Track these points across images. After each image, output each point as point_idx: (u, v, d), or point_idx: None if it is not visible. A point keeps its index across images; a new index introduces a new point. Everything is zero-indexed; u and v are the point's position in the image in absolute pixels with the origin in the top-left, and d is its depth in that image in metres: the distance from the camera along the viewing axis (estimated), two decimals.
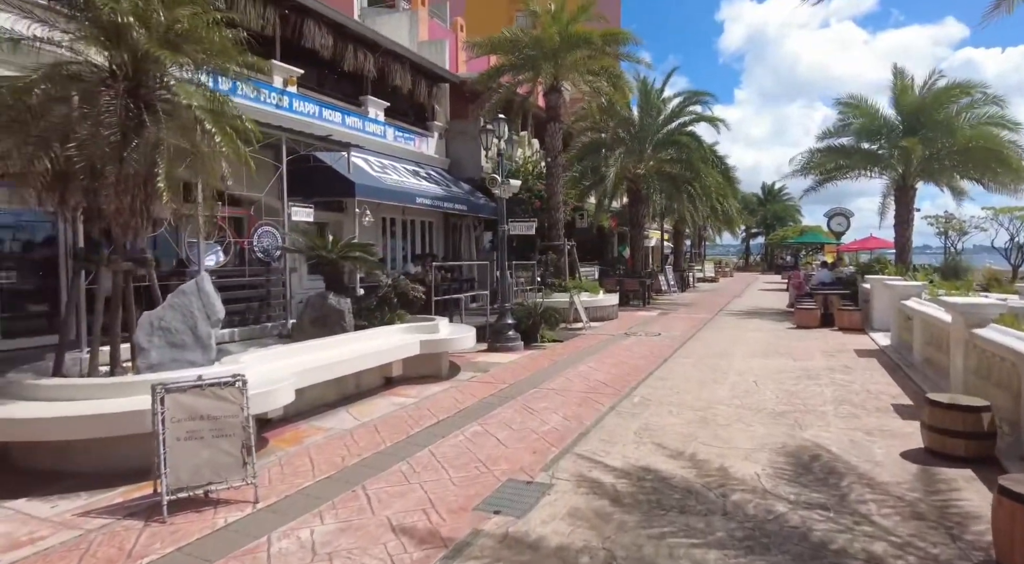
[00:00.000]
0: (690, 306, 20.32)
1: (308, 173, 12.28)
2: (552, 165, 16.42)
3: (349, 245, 9.21)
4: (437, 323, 9.00)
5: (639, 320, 16.11)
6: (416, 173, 15.64)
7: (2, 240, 9.20)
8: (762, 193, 59.89)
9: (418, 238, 17.43)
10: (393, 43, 15.55)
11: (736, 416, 6.67)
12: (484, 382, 8.51)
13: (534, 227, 11.87)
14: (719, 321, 15.94)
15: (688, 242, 44.58)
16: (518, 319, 11.46)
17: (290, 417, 6.67)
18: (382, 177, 13.41)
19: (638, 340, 12.44)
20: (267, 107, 11.97)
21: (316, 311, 8.65)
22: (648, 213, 20.73)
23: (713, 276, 35.63)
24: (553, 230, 16.51)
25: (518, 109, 17.87)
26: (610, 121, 20.21)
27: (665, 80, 21.51)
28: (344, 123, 14.19)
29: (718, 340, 12.41)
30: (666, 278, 25.21)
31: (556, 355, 10.66)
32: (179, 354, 5.86)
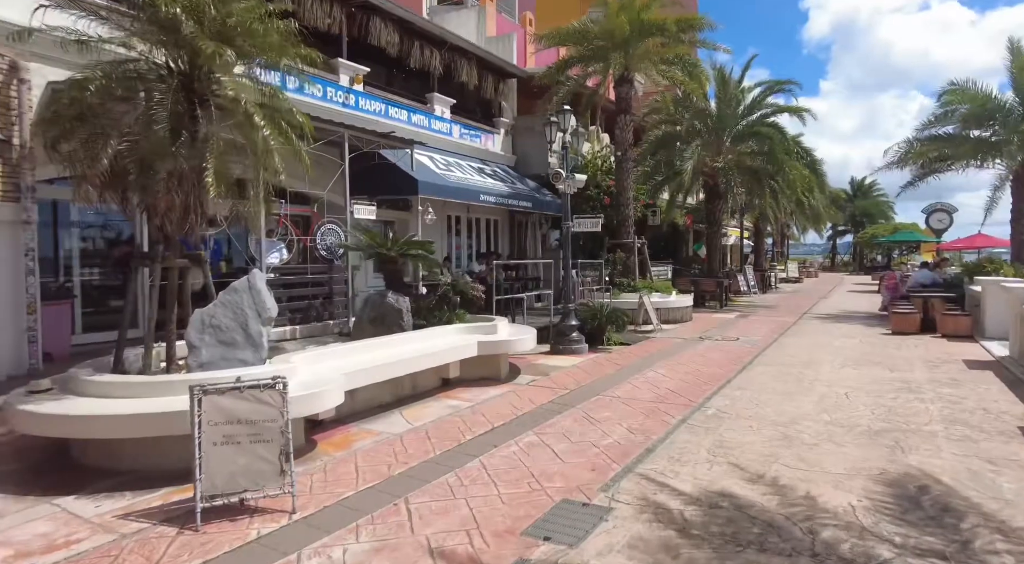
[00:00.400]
0: (771, 308, 19.07)
1: (373, 171, 12.24)
2: (622, 159, 15.75)
3: (408, 243, 9.01)
4: (496, 324, 8.64)
5: (715, 323, 15.18)
6: (481, 170, 15.38)
7: (88, 238, 9.61)
8: (851, 188, 56.22)
9: (483, 236, 17.19)
10: (459, 39, 15.36)
11: (825, 434, 5.91)
12: (544, 387, 8.07)
13: (600, 224, 11.31)
14: (804, 325, 14.78)
15: (770, 240, 42.42)
16: (582, 320, 10.94)
17: (343, 418, 6.48)
18: (446, 175, 13.22)
19: (713, 345, 11.63)
20: (334, 105, 12.02)
21: (375, 310, 8.49)
22: (726, 209, 19.62)
23: (797, 276, 33.62)
24: (622, 227, 15.84)
25: (587, 103, 17.28)
26: (685, 113, 19.25)
27: (744, 68, 20.34)
28: (410, 121, 14.11)
29: (803, 346, 11.41)
30: (745, 278, 23.88)
31: (623, 359, 10.07)
32: (230, 352, 5.75)
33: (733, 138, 19.93)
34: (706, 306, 19.14)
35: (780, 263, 34.76)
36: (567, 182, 10.63)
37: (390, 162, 11.80)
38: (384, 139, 10.75)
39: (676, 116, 19.67)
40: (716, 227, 20.67)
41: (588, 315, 11.07)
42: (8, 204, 7.71)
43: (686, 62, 15.67)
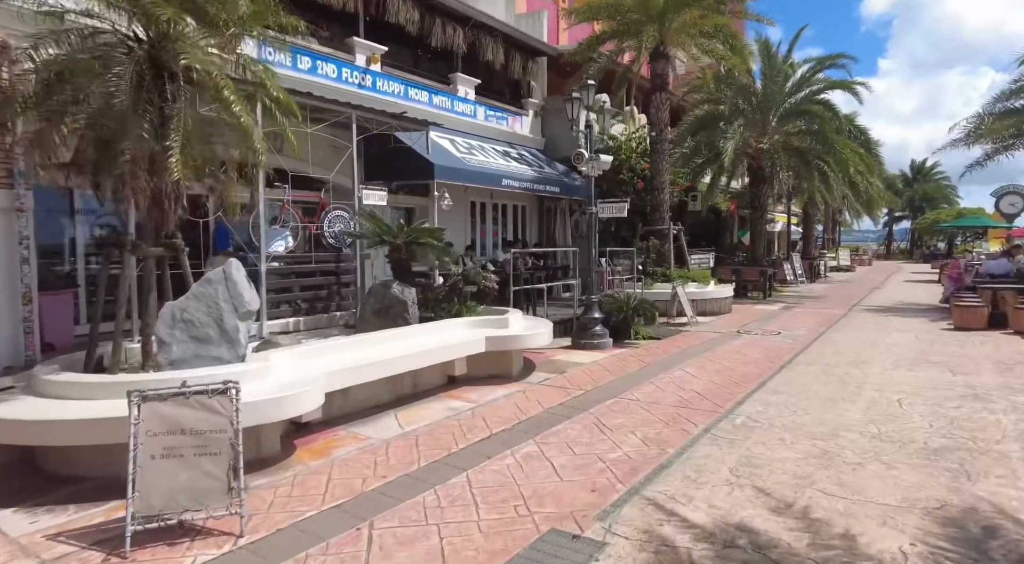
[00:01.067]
0: (819, 299, 17.84)
1: (389, 155, 11.72)
2: (657, 140, 14.81)
3: (416, 230, 8.44)
4: (507, 317, 8.01)
5: (756, 315, 14.18)
6: (506, 154, 14.68)
7: (94, 226, 9.37)
8: (910, 172, 53.10)
9: (510, 223, 16.53)
10: (484, 15, 14.62)
11: (872, 451, 5.08)
12: (557, 386, 7.41)
13: (626, 209, 10.50)
14: (854, 318, 13.63)
15: (820, 227, 40.38)
16: (607, 313, 10.20)
17: (333, 419, 5.99)
18: (466, 158, 12.59)
19: (752, 340, 10.72)
20: (349, 86, 11.51)
21: (379, 301, 7.97)
22: (771, 194, 18.40)
23: (848, 265, 31.84)
24: (657, 212, 14.93)
25: (620, 80, 16.32)
26: (727, 91, 18.06)
27: (792, 42, 18.80)
28: (431, 102, 13.51)
29: (852, 342, 10.39)
30: (792, 267, 22.53)
31: (649, 356, 9.31)
32: (203, 349, 5.30)
33: (780, 117, 18.65)
34: (748, 297, 18.06)
35: (831, 251, 32.95)
36: (590, 163, 9.87)
37: (407, 145, 11.24)
38: (396, 120, 10.18)
39: (718, 95, 18.50)
40: (760, 212, 19.47)
41: (613, 307, 10.32)
42: (1, 191, 7.45)
43: (727, 35, 14.56)
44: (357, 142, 12.04)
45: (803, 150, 17.68)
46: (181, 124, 4.93)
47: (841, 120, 17.69)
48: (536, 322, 8.82)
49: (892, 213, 53.79)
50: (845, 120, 18.52)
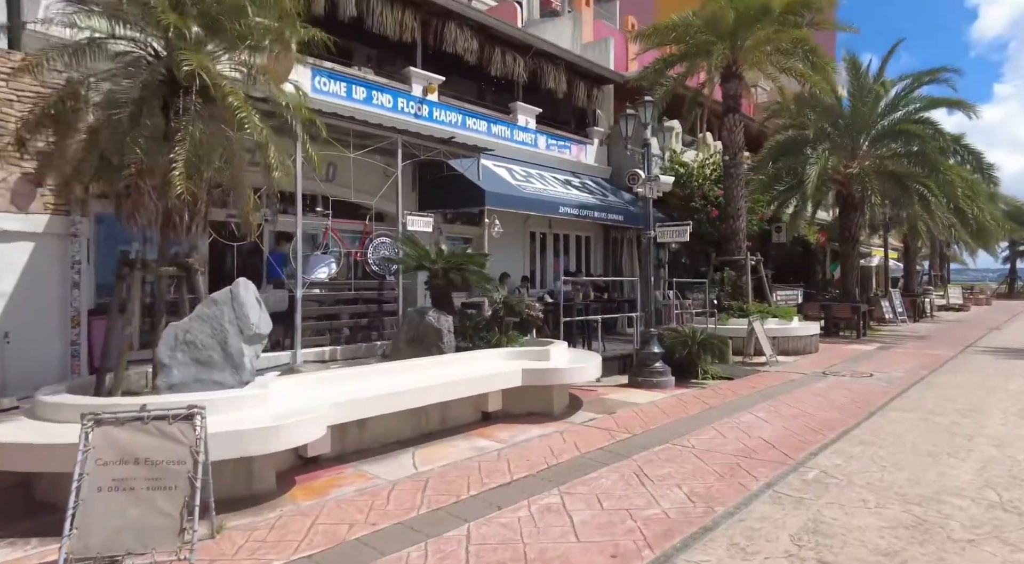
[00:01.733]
0: (923, 340, 15.85)
1: (442, 183, 11.50)
2: (731, 164, 13.83)
3: (456, 256, 8.00)
4: (548, 349, 7.32)
5: (847, 355, 12.67)
6: (567, 182, 14.16)
7: None
8: None
9: (573, 254, 15.89)
10: (546, 43, 14.40)
11: (989, 524, 3.97)
12: (601, 428, 6.59)
13: (687, 232, 9.59)
14: (965, 361, 11.85)
15: (926, 263, 36.90)
16: (668, 348, 9.27)
17: (346, 455, 5.51)
18: (522, 186, 12.17)
19: (838, 382, 9.41)
20: (404, 116, 11.45)
21: (413, 329, 7.53)
22: (863, 224, 16.73)
23: (960, 303, 28.62)
24: (732, 242, 13.83)
25: (691, 105, 15.56)
26: (810, 113, 16.79)
27: (886, 58, 17.31)
28: (489, 132, 13.28)
29: (963, 387, 8.88)
30: (891, 304, 20.39)
31: (716, 397, 8.28)
32: (205, 373, 4.98)
33: (872, 139, 17.10)
34: (840, 336, 16.36)
35: (938, 288, 29.83)
36: (648, 184, 9.14)
37: (459, 173, 10.97)
38: (445, 145, 9.92)
39: (801, 119, 17.24)
40: (851, 244, 17.75)
41: (677, 342, 9.37)
42: (58, 216, 7.68)
43: (807, 51, 13.51)
44: (412, 170, 12.04)
45: (899, 174, 16.02)
46: (187, 137, 4.72)
47: (946, 140, 15.92)
48: (583, 355, 8.07)
49: (1015, 247, 48.50)
50: (951, 140, 16.66)
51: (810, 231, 22.41)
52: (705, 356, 9.41)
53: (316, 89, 10.18)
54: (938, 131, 15.95)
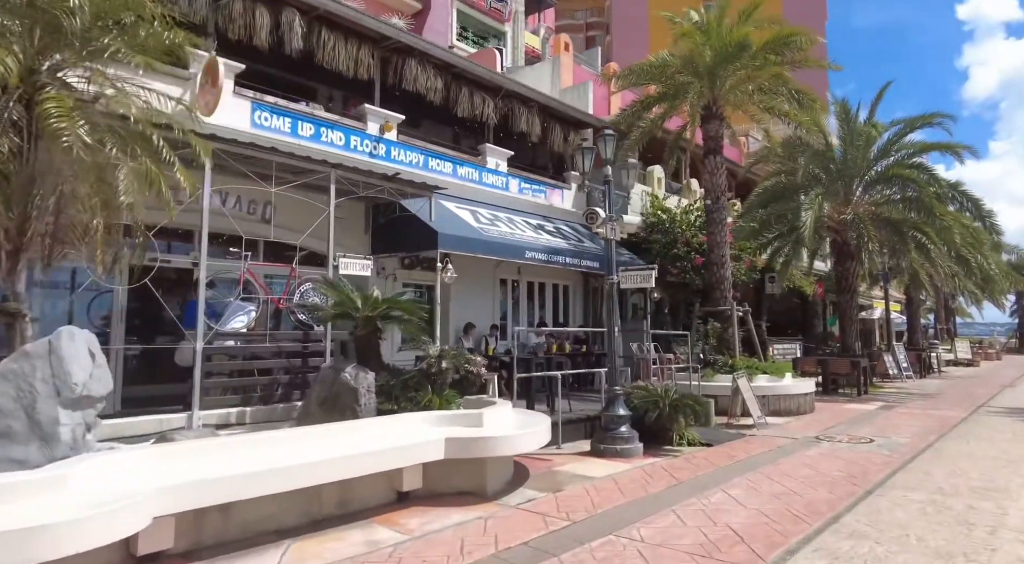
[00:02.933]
0: (930, 398, 14.59)
1: (395, 225, 10.65)
2: (713, 209, 12.96)
3: (386, 302, 6.98)
4: (482, 413, 6.21)
5: (846, 416, 11.44)
6: (540, 227, 13.29)
7: None
8: None
9: (550, 303, 14.89)
10: (516, 84, 13.83)
11: None
12: (537, 512, 5.41)
13: (652, 277, 8.58)
14: (977, 423, 10.60)
15: (931, 316, 35.72)
16: (637, 409, 8.12)
17: (201, 551, 4.37)
18: (485, 229, 11.28)
19: (832, 449, 8.20)
20: (358, 155, 10.69)
21: (326, 389, 6.46)
22: (861, 273, 15.74)
23: (969, 358, 27.28)
24: (716, 291, 12.82)
25: (672, 148, 14.85)
26: (800, 157, 16.07)
27: (875, 101, 16.71)
28: (455, 174, 12.50)
29: (977, 458, 7.66)
30: (895, 359, 19.17)
31: (687, 469, 7.09)
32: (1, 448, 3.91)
33: (865, 185, 16.34)
34: (839, 393, 15.12)
35: (945, 342, 28.55)
36: (608, 225, 8.22)
37: (412, 214, 10.11)
38: (389, 182, 9.06)
39: (791, 164, 16.52)
40: (849, 295, 16.71)
41: (646, 402, 8.22)
42: None
43: (792, 90, 12.86)
44: (365, 212, 11.19)
45: (895, 221, 15.14)
46: None
47: (942, 186, 15.13)
48: (532, 419, 6.93)
49: (1022, 300, 47.34)
50: (948, 186, 15.87)
51: (806, 282, 21.43)
52: (679, 419, 8.23)
53: (256, 124, 9.45)
54: (933, 176, 15.18)
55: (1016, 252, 27.38)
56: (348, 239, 10.80)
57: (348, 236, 10.82)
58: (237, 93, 9.30)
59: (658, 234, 14.79)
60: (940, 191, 15.19)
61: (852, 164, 16.24)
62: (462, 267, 12.55)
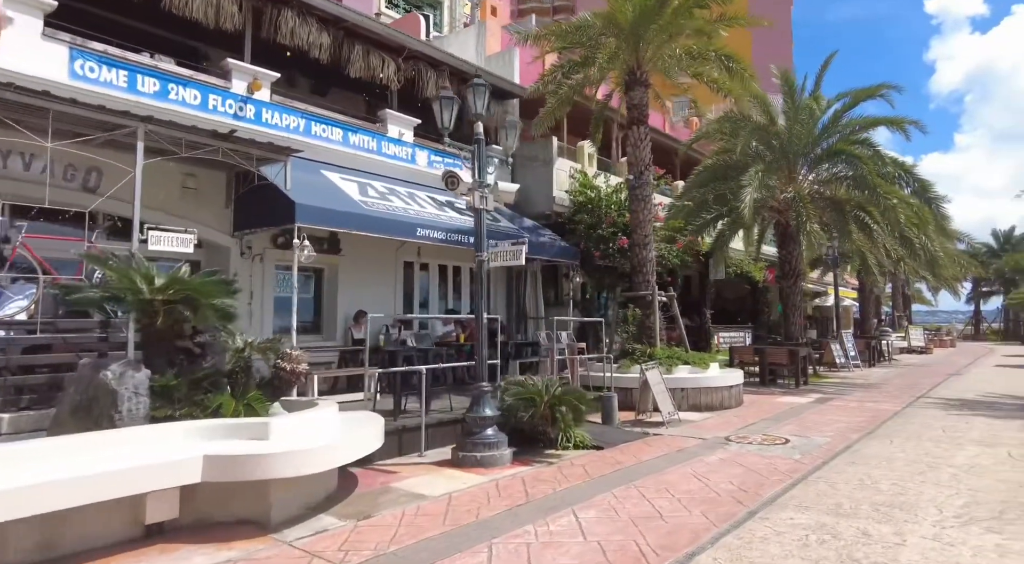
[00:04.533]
0: (872, 388, 13.70)
1: (254, 197, 9.24)
2: (636, 184, 11.79)
3: (179, 283, 5.62)
4: (269, 423, 4.92)
5: (776, 410, 10.42)
6: (449, 204, 11.98)
7: None
8: (995, 241, 47.13)
9: (465, 288, 13.65)
10: (423, 43, 12.49)
11: None
12: (310, 553, 4.15)
13: (523, 254, 7.34)
14: (911, 418, 9.64)
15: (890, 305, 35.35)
16: (508, 410, 6.91)
17: None
18: (370, 203, 9.93)
19: (738, 454, 7.10)
20: (220, 117, 9.26)
21: (81, 392, 5.10)
22: (808, 257, 14.76)
23: (923, 346, 26.78)
24: (639, 274, 11.66)
25: (597, 120, 13.67)
26: (742, 132, 14.98)
27: (820, 72, 15.72)
28: (348, 142, 11.13)
29: (894, 462, 6.61)
30: (842, 348, 18.34)
31: (551, 482, 5.90)
32: None
33: (811, 163, 15.35)
34: (778, 384, 14.16)
35: (899, 330, 28.04)
36: (477, 192, 6.97)
37: (270, 182, 8.72)
38: (224, 141, 7.61)
39: (733, 143, 15.44)
40: (793, 279, 15.76)
41: (521, 400, 7.01)
42: None
43: (720, 56, 11.70)
44: (226, 182, 9.78)
45: (839, 200, 14.17)
46: None
47: (887, 162, 14.18)
48: (359, 426, 5.68)
49: (978, 287, 47.52)
50: (895, 165, 14.94)
51: (756, 268, 20.51)
52: (560, 418, 7.04)
53: (78, 75, 7.96)
54: (878, 153, 14.21)
55: (967, 240, 26.89)
56: (204, 213, 9.39)
57: (205, 210, 9.41)
58: (49, 36, 7.81)
59: (584, 214, 13.61)
60: (886, 170, 14.24)
61: (796, 140, 15.23)
62: (356, 248, 11.22)
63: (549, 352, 10.22)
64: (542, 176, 14.15)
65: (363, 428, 5.57)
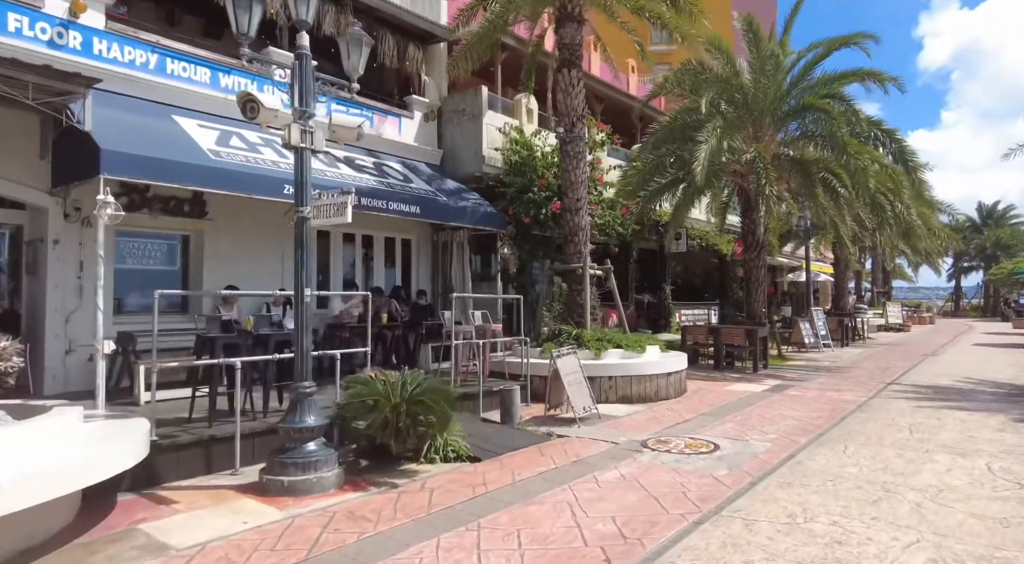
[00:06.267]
0: (837, 373, 12.25)
1: (67, 145, 7.42)
2: (567, 139, 10.08)
3: None
4: None
5: (718, 403, 8.90)
6: (349, 161, 10.21)
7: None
8: (978, 216, 46.02)
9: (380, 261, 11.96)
10: None
11: None
12: None
13: (348, 210, 5.63)
14: (875, 412, 8.15)
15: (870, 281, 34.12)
16: (340, 417, 5.28)
17: None
18: (226, 153, 8.14)
19: (643, 469, 5.54)
20: (31, 44, 7.40)
21: None
22: (761, 222, 13.17)
23: (900, 323, 25.51)
24: (570, 245, 10.03)
25: (530, 66, 11.89)
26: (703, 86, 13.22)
27: (791, 17, 14.06)
28: (218, 85, 9.31)
29: (843, 480, 5.07)
30: (811, 326, 16.91)
31: (375, 519, 4.31)
32: None
33: (778, 120, 13.66)
34: (735, 368, 12.70)
35: (876, 307, 26.75)
36: (296, 126, 5.25)
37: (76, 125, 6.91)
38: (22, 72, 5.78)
39: (694, 99, 13.69)
40: (756, 251, 14.20)
41: (363, 399, 5.36)
42: None
43: None
44: (39, 127, 7.92)
45: (805, 162, 12.55)
46: None
47: (860, 120, 12.54)
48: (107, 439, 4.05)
49: (959, 263, 46.54)
50: (870, 125, 13.29)
51: (722, 240, 18.96)
52: (423, 425, 5.41)
53: None
54: (852, 110, 12.53)
55: (950, 211, 25.46)
56: (12, 167, 7.57)
57: (13, 163, 7.58)
58: None
59: (516, 176, 11.90)
60: (860, 131, 12.59)
61: (762, 95, 13.51)
62: (231, 212, 9.45)
63: (456, 335, 8.60)
64: (470, 132, 12.38)
65: (111, 444, 3.95)
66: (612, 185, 13.35)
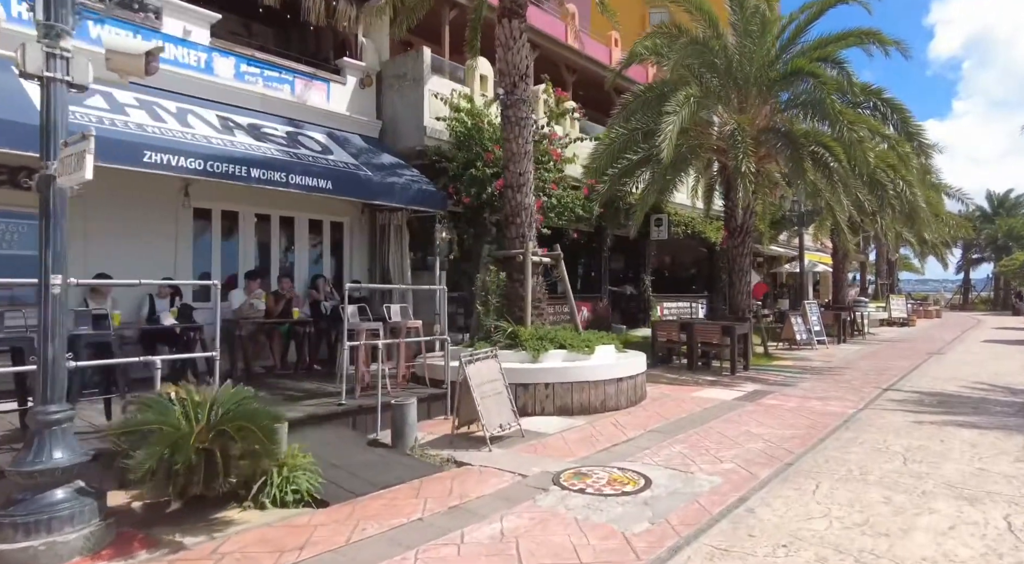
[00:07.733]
0: (828, 375, 10.75)
1: None
2: (509, 103, 8.57)
3: None
4: None
5: (676, 414, 7.44)
6: (257, 129, 8.76)
7: None
8: (988, 205, 44.10)
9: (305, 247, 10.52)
10: None
11: None
12: None
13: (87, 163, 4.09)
14: (861, 432, 6.66)
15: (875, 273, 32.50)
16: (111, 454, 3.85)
17: None
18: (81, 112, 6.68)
19: (535, 521, 4.09)
20: None
21: None
22: (739, 203, 11.58)
23: (905, 317, 23.91)
24: (511, 227, 8.56)
25: (475, 20, 10.39)
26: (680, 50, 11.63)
27: None
28: (87, 36, 7.82)
29: (802, 555, 3.62)
30: (804, 321, 15.40)
31: None
32: None
33: (766, 88, 12.08)
34: (711, 369, 11.24)
35: (878, 300, 25.16)
36: (41, 45, 3.79)
37: None
38: None
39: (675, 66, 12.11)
40: (740, 237, 12.71)
41: (135, 434, 3.91)
42: None
43: None
44: None
45: (794, 135, 10.99)
46: None
47: (855, 87, 10.96)
48: None
49: (968, 254, 44.73)
50: (865, 91, 11.66)
51: (710, 228, 17.43)
52: (229, 460, 3.98)
53: None
54: (845, 72, 10.93)
55: (960, 196, 23.58)
56: None
57: None
58: None
59: (458, 150, 10.43)
60: (851, 94, 11.00)
61: (747, 61, 11.94)
62: (106, 186, 8.00)
63: (358, 335, 7.18)
64: (411, 100, 10.89)
65: None
66: (571, 161, 11.84)
